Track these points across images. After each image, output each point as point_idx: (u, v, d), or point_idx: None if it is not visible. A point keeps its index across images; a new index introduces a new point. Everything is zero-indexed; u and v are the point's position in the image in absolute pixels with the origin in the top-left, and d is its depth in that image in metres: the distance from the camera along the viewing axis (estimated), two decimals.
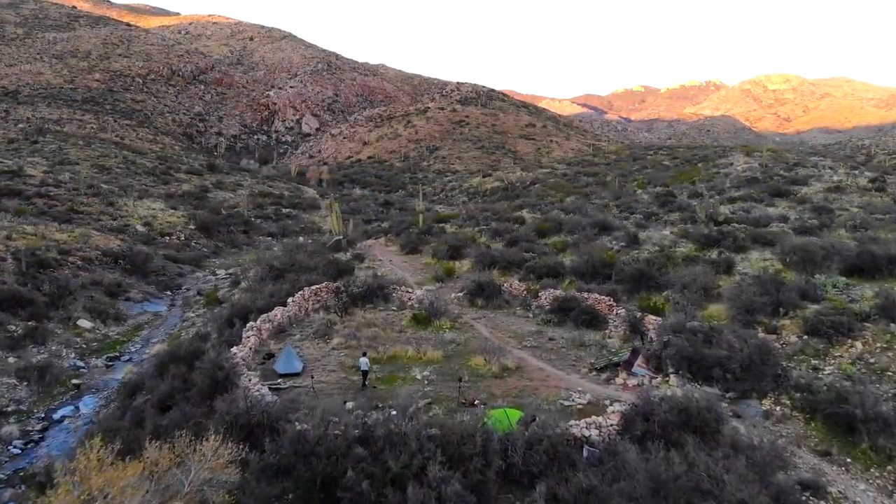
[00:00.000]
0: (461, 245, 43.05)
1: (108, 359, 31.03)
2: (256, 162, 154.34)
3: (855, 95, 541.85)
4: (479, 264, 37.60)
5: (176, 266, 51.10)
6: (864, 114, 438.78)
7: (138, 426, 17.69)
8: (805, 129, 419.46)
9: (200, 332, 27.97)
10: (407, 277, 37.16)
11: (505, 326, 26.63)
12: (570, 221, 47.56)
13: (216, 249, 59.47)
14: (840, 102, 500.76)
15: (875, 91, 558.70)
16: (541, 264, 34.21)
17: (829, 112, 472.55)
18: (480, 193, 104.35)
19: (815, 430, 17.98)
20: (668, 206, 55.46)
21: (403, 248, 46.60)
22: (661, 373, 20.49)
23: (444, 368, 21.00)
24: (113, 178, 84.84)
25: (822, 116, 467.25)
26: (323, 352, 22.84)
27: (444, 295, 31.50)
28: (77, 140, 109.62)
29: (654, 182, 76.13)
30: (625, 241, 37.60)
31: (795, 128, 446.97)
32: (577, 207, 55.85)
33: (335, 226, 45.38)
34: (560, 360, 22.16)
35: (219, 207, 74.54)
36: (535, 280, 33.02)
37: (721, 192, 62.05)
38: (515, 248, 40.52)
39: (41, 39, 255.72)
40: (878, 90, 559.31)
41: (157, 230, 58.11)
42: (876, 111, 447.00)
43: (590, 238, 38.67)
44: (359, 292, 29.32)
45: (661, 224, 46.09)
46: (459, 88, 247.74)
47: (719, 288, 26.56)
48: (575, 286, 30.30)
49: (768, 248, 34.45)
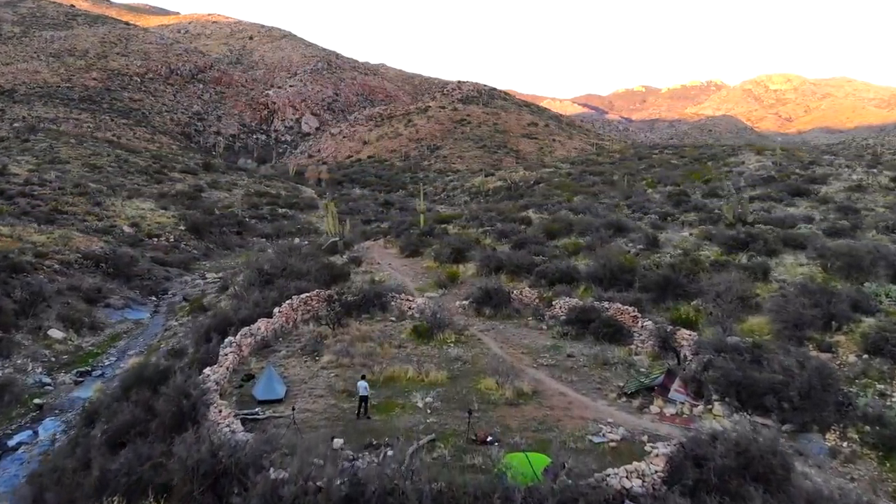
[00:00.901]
0: (465, 247, 40.20)
1: (78, 373, 28.19)
2: (254, 161, 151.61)
3: (856, 95, 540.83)
4: (484, 268, 34.76)
5: (163, 269, 48.29)
6: (865, 114, 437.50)
7: (86, 468, 14.82)
8: (806, 129, 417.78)
9: (175, 348, 25.09)
10: (407, 283, 34.35)
11: (516, 340, 23.77)
12: (581, 222, 44.69)
13: (207, 251, 56.67)
14: (841, 102, 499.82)
15: (876, 91, 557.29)
16: (553, 269, 31.34)
17: (830, 112, 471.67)
18: (483, 193, 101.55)
19: (892, 470, 15.14)
20: (683, 205, 52.62)
21: (403, 251, 43.77)
22: (703, 399, 17.65)
23: (449, 392, 18.16)
24: (104, 178, 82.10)
25: (823, 116, 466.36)
26: (311, 372, 19.98)
27: (448, 303, 28.66)
28: (69, 139, 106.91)
29: (664, 181, 73.26)
30: (643, 244, 34.70)
31: (797, 128, 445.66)
32: (586, 207, 52.97)
33: (331, 227, 42.57)
34: (583, 382, 19.29)
35: (212, 207, 71.78)
36: (548, 286, 30.19)
37: (738, 191, 59.21)
38: (523, 250, 37.65)
39: (38, 38, 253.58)
40: (880, 90, 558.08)
41: (145, 231, 55.29)
42: (877, 111, 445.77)
43: (604, 240, 35.76)
44: (354, 301, 26.47)
45: (679, 225, 43.24)
46: (461, 87, 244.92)
47: (757, 297, 23.68)
48: (592, 294, 27.45)
49: (799, 252, 31.70)
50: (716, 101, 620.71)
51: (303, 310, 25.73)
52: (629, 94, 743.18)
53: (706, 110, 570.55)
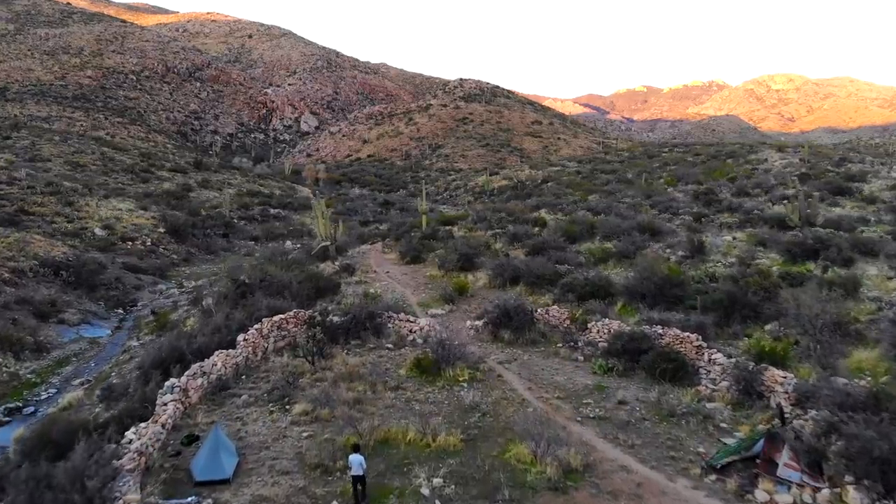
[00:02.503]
0: (473, 253, 35.06)
1: (6, 411, 23.03)
2: (250, 160, 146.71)
3: (859, 95, 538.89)
4: (498, 279, 29.65)
5: (135, 277, 43.13)
6: (868, 114, 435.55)
7: None
8: (809, 129, 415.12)
9: (113, 387, 19.83)
10: (407, 295, 29.20)
11: (547, 377, 18.55)
12: (604, 224, 39.52)
13: (188, 255, 51.51)
14: (844, 102, 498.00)
15: (879, 91, 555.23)
16: (581, 280, 26.13)
17: (833, 112, 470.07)
18: (487, 193, 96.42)
19: None
20: (714, 205, 47.43)
21: (404, 257, 38.59)
22: (825, 477, 12.46)
23: (466, 467, 12.95)
24: (86, 176, 77.12)
25: (826, 116, 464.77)
26: (276, 429, 14.75)
27: (457, 323, 23.48)
28: (53, 136, 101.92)
29: (684, 179, 68.05)
30: (685, 250, 29.44)
31: (800, 127, 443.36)
32: (606, 207, 47.72)
33: (321, 230, 37.39)
34: (648, 447, 14.07)
35: (198, 208, 66.62)
36: (576, 302, 25.03)
37: (769, 189, 54.01)
38: (542, 257, 32.46)
39: (33, 35, 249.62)
40: (882, 90, 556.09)
41: (119, 234, 50.13)
42: (881, 111, 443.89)
43: (637, 245, 30.49)
44: (341, 323, 21.26)
45: (717, 227, 38.00)
46: (462, 85, 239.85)
47: (857, 323, 18.47)
48: (636, 314, 22.26)
49: (871, 259, 26.53)
50: (717, 101, 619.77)
51: (276, 335, 20.52)
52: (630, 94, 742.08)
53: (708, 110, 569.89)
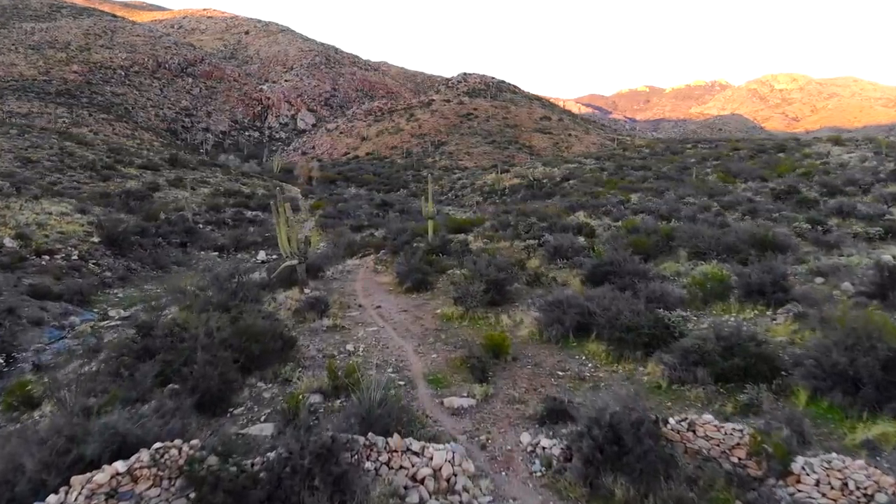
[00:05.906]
0: (504, 277, 23.55)
1: None
2: (237, 158, 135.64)
3: (863, 95, 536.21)
4: (552, 327, 18.19)
5: (38, 306, 31.73)
6: (873, 113, 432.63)
7: None
8: (814, 129, 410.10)
9: None
10: (408, 354, 17.72)
11: None
12: (683, 232, 28.06)
13: (126, 273, 40.12)
14: (848, 102, 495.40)
15: (883, 91, 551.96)
16: (712, 347, 14.57)
17: (837, 112, 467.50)
18: (498, 192, 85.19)
19: None
20: (813, 208, 36.00)
21: (403, 281, 27.02)
22: None
23: None
24: (36, 173, 66.10)
25: (830, 116, 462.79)
26: None
27: (502, 435, 12.12)
28: (9, 129, 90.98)
29: (742, 175, 56.63)
30: (865, 285, 17.78)
31: (804, 127, 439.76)
32: (669, 209, 36.25)
33: (284, 244, 26.03)
34: None
35: (157, 210, 55.35)
36: (713, 383, 13.65)
37: (867, 188, 42.55)
38: (610, 284, 20.93)
39: (18, 30, 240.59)
40: (886, 90, 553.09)
41: (37, 245, 38.78)
42: (886, 111, 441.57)
43: (775, 273, 18.85)
44: (253, 475, 9.74)
45: (853, 239, 26.54)
46: (466, 80, 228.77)
47: None
48: (870, 422, 10.85)
49: None
50: (721, 101, 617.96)
51: None
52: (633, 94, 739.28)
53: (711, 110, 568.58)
